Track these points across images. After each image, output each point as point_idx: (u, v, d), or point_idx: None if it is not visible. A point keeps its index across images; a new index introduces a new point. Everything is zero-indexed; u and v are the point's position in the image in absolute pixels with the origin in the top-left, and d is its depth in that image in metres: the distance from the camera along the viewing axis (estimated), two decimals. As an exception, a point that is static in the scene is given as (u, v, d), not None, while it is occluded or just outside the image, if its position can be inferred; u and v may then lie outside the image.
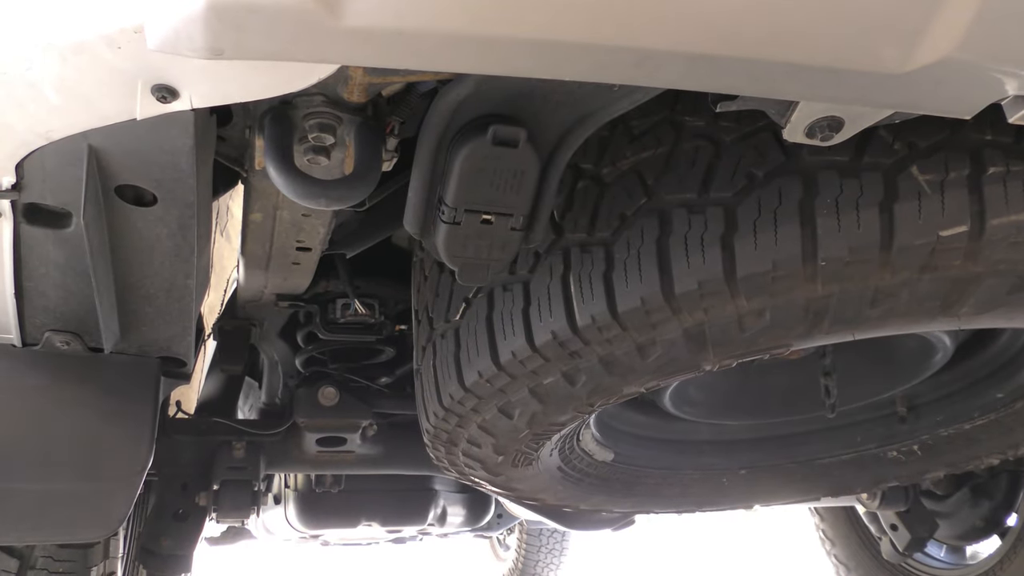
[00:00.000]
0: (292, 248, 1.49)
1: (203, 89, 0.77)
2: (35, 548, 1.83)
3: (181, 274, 1.21)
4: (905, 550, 2.84)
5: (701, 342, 1.12)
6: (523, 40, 0.67)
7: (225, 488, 2.25)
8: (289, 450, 2.32)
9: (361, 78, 0.85)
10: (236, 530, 3.54)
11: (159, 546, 2.12)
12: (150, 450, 1.40)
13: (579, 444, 1.78)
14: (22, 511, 1.36)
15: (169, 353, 1.41)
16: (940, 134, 0.98)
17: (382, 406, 2.28)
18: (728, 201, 1.03)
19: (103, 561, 1.97)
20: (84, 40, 0.70)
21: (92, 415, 1.36)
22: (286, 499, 3.02)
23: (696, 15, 0.67)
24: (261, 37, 0.64)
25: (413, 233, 1.05)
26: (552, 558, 5.09)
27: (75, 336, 1.31)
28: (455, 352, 1.33)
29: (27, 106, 0.80)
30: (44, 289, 1.20)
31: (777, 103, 0.87)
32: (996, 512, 2.83)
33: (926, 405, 1.99)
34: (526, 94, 0.86)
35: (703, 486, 2.12)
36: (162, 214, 1.08)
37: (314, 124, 0.93)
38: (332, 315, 2.01)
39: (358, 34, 0.65)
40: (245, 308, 1.93)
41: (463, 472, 1.70)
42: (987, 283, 1.03)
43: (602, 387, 1.25)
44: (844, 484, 2.19)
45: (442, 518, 3.24)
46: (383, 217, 1.56)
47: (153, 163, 0.98)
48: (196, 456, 2.23)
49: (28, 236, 1.09)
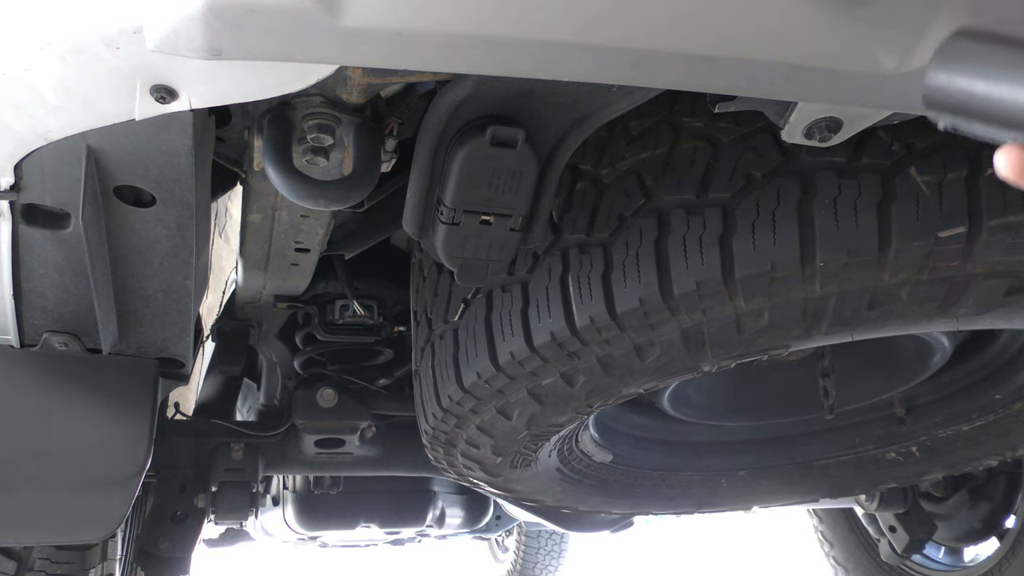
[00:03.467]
0: (291, 249, 1.49)
1: (202, 90, 0.77)
2: (33, 549, 1.82)
3: (180, 275, 1.21)
4: (904, 552, 2.83)
5: (699, 343, 1.12)
6: (522, 41, 0.67)
7: (223, 490, 2.25)
8: (288, 452, 2.32)
9: (360, 79, 0.85)
10: (234, 532, 3.53)
11: (157, 548, 2.12)
12: (148, 451, 1.39)
13: (578, 445, 1.78)
14: (20, 512, 1.36)
15: (167, 354, 1.41)
16: (938, 135, 0.98)
17: (381, 407, 2.27)
18: (726, 202, 1.03)
19: (101, 563, 1.97)
20: (83, 40, 0.70)
21: (90, 416, 1.36)
22: (284, 501, 3.01)
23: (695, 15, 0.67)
24: (260, 37, 0.64)
25: (412, 234, 1.05)
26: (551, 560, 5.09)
27: (73, 337, 1.31)
28: (454, 353, 1.33)
29: (26, 107, 0.80)
30: (42, 290, 1.20)
31: (776, 104, 0.87)
32: (994, 514, 2.82)
33: (925, 406, 1.99)
34: (525, 95, 0.86)
35: (702, 487, 2.12)
36: (161, 215, 1.08)
37: (313, 125, 0.93)
38: (331, 316, 2.01)
39: (357, 34, 0.65)
40: (244, 309, 1.93)
41: (462, 473, 1.70)
42: (985, 284, 1.03)
43: (601, 388, 1.25)
44: (843, 486, 2.19)
45: (440, 520, 3.24)
46: (382, 218, 1.56)
47: (152, 164, 0.98)
48: (194, 458, 2.22)
49: (27, 237, 1.09)
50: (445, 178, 0.93)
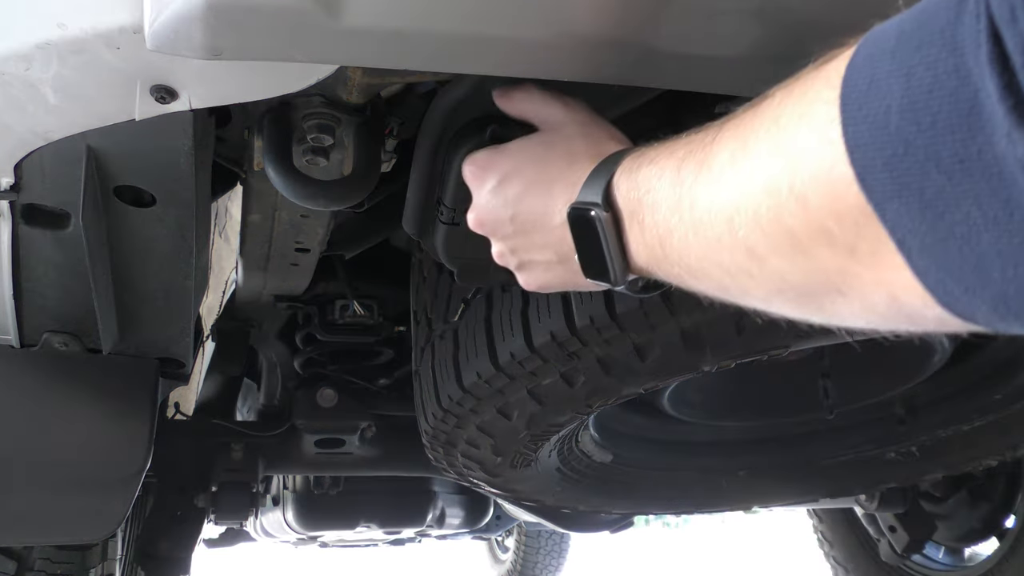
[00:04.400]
0: (291, 249, 1.49)
1: (202, 90, 0.77)
2: (33, 550, 1.82)
3: (180, 275, 1.21)
4: (903, 551, 2.83)
5: (699, 343, 1.12)
6: (521, 40, 0.67)
7: (223, 490, 2.25)
8: (288, 452, 2.32)
9: (360, 79, 0.85)
10: (234, 532, 3.53)
11: (157, 548, 2.12)
12: (148, 451, 1.39)
13: (578, 445, 1.78)
14: (20, 512, 1.36)
15: (167, 354, 1.41)
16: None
17: (381, 407, 2.27)
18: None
19: (101, 563, 1.97)
20: (83, 40, 0.70)
21: (90, 416, 1.36)
22: (285, 501, 3.01)
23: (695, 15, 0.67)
24: (260, 37, 0.64)
25: (412, 234, 1.05)
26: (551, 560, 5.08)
27: (73, 337, 1.31)
28: (453, 353, 1.33)
29: (26, 106, 0.80)
30: (42, 290, 1.20)
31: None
32: (994, 514, 2.82)
33: (924, 406, 1.99)
34: (525, 95, 0.86)
35: (702, 487, 2.12)
36: (161, 215, 1.08)
37: (313, 125, 0.93)
38: (331, 316, 2.01)
39: (357, 34, 0.65)
40: (244, 309, 1.93)
41: (462, 473, 1.70)
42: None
43: (601, 388, 1.25)
44: (843, 485, 2.19)
45: (441, 519, 3.24)
46: (382, 218, 1.56)
47: (152, 164, 0.98)
48: (194, 458, 2.22)
49: (27, 237, 1.09)
50: (445, 178, 0.93)
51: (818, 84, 0.42)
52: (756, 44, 0.70)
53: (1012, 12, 0.31)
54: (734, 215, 0.46)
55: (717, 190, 0.48)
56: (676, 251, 0.54)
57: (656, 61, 0.71)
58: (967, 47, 0.33)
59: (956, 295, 0.37)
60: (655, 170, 0.57)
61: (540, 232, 0.71)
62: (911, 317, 0.41)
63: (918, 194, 0.35)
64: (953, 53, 0.34)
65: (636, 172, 0.60)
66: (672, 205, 0.53)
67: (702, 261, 0.52)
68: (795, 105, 0.44)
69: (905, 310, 0.41)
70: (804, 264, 0.44)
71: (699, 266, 0.52)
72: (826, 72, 0.42)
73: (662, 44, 0.69)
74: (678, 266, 0.55)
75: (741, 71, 0.73)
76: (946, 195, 0.34)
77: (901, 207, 0.36)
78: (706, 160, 0.50)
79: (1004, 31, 0.31)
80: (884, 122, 0.36)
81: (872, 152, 0.37)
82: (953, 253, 0.35)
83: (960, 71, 0.33)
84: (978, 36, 0.32)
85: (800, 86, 0.44)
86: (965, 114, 0.33)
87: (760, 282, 0.48)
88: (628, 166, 0.62)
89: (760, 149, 0.45)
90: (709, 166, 0.50)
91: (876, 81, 0.37)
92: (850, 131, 0.38)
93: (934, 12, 0.36)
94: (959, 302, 0.37)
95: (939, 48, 0.34)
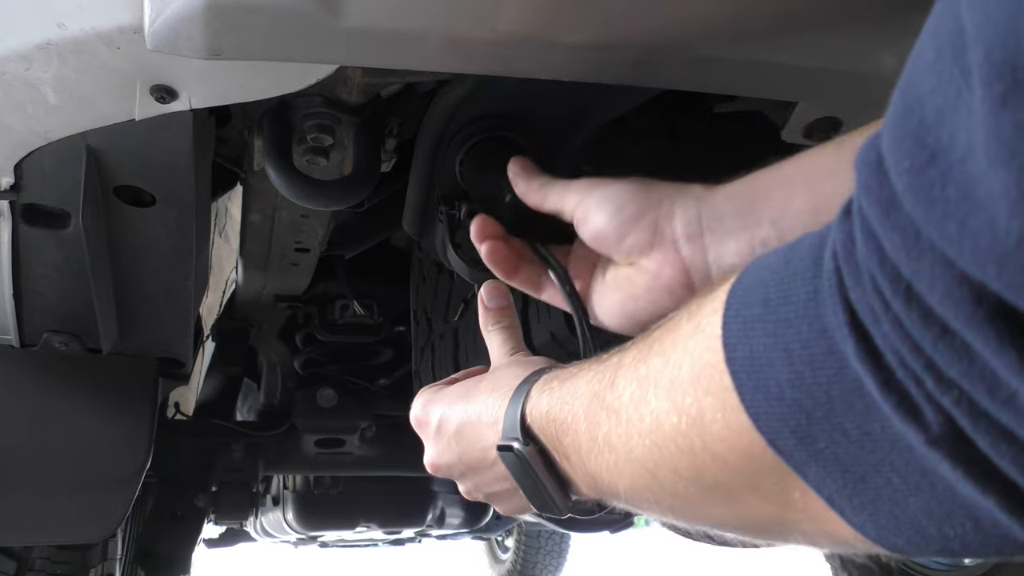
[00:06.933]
0: (291, 249, 1.49)
1: (202, 90, 0.77)
2: (33, 549, 1.82)
3: (180, 275, 1.21)
4: (904, 552, 2.84)
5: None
6: (522, 41, 0.67)
7: (223, 490, 2.25)
8: (288, 452, 2.32)
9: (360, 79, 0.85)
10: (234, 532, 3.53)
11: (157, 548, 2.12)
12: (148, 451, 1.40)
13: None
14: (20, 512, 1.36)
15: (167, 354, 1.41)
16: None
17: (381, 407, 2.27)
18: (727, 202, 1.02)
19: (101, 563, 1.97)
20: (83, 40, 0.71)
21: (90, 416, 1.36)
22: (284, 501, 3.01)
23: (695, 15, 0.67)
24: (260, 37, 0.64)
25: (412, 234, 1.05)
26: (551, 560, 5.08)
27: (73, 337, 1.31)
28: (453, 353, 1.33)
29: (26, 107, 0.80)
30: (43, 290, 1.20)
31: (775, 104, 0.87)
32: (994, 514, 2.83)
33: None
34: (525, 95, 0.86)
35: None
36: (161, 215, 1.08)
37: (313, 125, 0.93)
38: (331, 316, 2.01)
39: (357, 34, 0.65)
40: (244, 309, 1.93)
41: (462, 473, 1.69)
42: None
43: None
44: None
45: (441, 519, 3.24)
46: (382, 218, 1.56)
47: (152, 164, 0.98)
48: (194, 458, 2.22)
49: (27, 237, 1.09)
50: (445, 178, 0.92)
51: (701, 344, 0.39)
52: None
53: (873, 314, 0.29)
54: (655, 469, 0.43)
55: (631, 445, 0.45)
56: (611, 489, 0.50)
57: (656, 61, 0.71)
58: (835, 332, 0.31)
59: (901, 546, 0.34)
60: (565, 409, 0.54)
61: (488, 469, 0.68)
62: (864, 549, 0.38)
63: (834, 460, 0.33)
64: (823, 335, 0.32)
65: (545, 410, 0.57)
66: (591, 448, 0.50)
67: (641, 501, 0.48)
68: (690, 362, 0.40)
69: (855, 546, 0.37)
70: (740, 510, 0.41)
71: (641, 503, 0.49)
72: (706, 326, 0.39)
73: (663, 45, 0.69)
74: (622, 500, 0.51)
75: (740, 72, 0.73)
76: (863, 462, 0.32)
77: (820, 471, 0.34)
78: (612, 405, 0.47)
79: (871, 329, 0.30)
80: (778, 394, 0.34)
81: (775, 421, 0.34)
82: (885, 513, 0.33)
83: (836, 354, 0.31)
84: (843, 328, 0.31)
85: (684, 339, 0.41)
86: (857, 394, 0.31)
87: (703, 520, 0.46)
88: (535, 402, 0.59)
89: (661, 408, 0.42)
90: (616, 412, 0.46)
91: (756, 355, 0.35)
92: (747, 399, 0.35)
93: (791, 279, 0.34)
94: (908, 548, 0.34)
95: (808, 328, 0.32)
